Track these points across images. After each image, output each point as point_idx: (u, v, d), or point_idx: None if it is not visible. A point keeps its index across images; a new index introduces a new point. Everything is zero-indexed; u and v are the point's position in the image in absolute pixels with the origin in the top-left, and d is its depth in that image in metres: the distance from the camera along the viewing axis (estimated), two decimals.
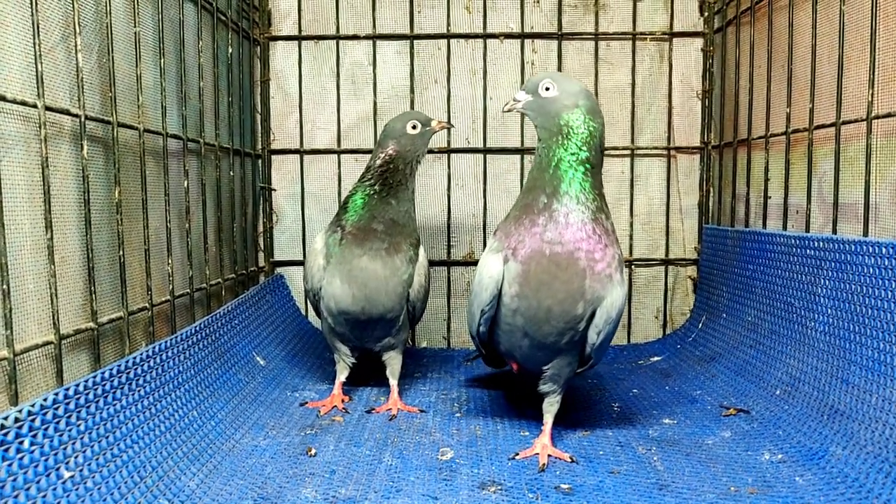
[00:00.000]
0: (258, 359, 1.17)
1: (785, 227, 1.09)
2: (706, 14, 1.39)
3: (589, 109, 0.83)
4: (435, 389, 1.16)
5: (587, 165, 0.82)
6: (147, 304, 0.92)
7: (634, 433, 0.93)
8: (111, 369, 0.76)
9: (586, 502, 0.72)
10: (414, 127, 1.04)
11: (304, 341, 1.34)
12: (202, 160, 1.11)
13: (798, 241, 1.01)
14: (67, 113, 0.76)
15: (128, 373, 0.79)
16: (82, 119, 0.78)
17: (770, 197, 1.15)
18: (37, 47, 0.69)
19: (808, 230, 1.02)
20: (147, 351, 0.85)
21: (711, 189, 1.41)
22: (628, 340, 1.45)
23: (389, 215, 1.02)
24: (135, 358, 0.82)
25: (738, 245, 1.20)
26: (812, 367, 0.93)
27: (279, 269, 1.47)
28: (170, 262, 0.99)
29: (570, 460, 0.82)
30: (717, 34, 1.37)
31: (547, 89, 0.84)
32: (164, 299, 0.98)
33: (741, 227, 1.22)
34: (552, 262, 0.80)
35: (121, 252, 0.85)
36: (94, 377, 0.73)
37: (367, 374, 1.16)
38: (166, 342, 0.90)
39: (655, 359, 1.18)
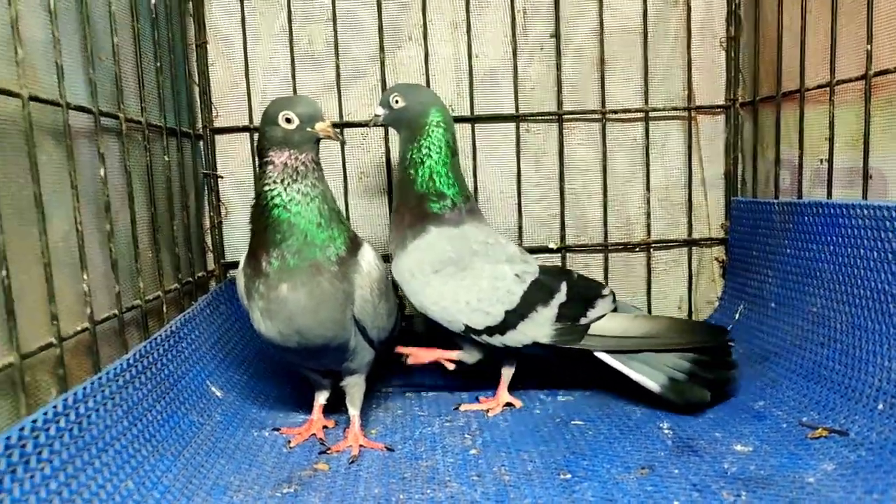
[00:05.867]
0: (213, 390, 0.93)
1: (865, 196, 0.88)
2: None
3: (438, 111, 0.97)
4: (436, 414, 0.94)
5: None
6: (54, 339, 0.67)
7: (706, 469, 0.72)
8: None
9: None
10: (288, 120, 0.78)
11: (268, 359, 1.10)
12: (124, 141, 0.86)
13: None
14: None
15: (24, 445, 0.55)
16: None
17: (821, 161, 0.95)
18: None
19: None
20: (54, 406, 0.61)
21: (741, 155, 1.20)
22: None
23: None
24: (35, 422, 0.57)
25: (790, 221, 1.00)
26: None
27: (232, 273, 1.22)
28: (86, 276, 0.74)
29: None
30: None
31: (396, 101, 0.96)
32: (79, 328, 0.73)
33: (791, 199, 1.02)
34: None
35: (2, 272, 0.60)
36: None
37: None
38: (86, 388, 0.66)
39: None
